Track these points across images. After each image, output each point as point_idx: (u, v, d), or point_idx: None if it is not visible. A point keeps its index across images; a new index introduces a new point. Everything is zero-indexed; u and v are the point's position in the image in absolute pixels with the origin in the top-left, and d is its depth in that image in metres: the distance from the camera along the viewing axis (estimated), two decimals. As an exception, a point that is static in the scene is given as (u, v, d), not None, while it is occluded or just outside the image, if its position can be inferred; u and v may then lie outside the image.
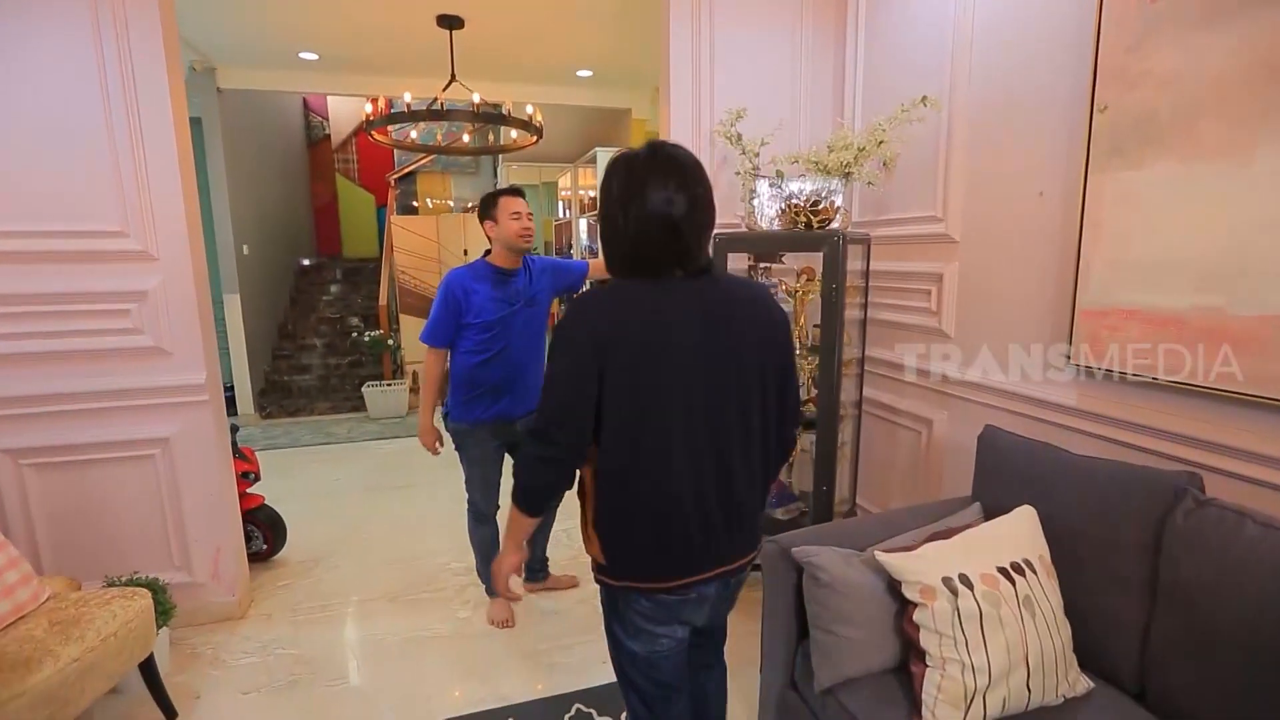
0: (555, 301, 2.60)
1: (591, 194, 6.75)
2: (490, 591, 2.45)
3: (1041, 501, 1.54)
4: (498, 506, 2.40)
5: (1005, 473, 1.69)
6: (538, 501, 1.19)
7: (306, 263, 7.18)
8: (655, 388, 1.09)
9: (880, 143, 2.08)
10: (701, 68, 2.59)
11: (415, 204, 8.36)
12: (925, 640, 1.33)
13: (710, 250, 1.21)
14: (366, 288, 6.87)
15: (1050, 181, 1.83)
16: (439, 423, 2.37)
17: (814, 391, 2.32)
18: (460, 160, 8.39)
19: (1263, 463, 1.36)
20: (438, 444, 2.33)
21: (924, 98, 2.03)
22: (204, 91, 4.75)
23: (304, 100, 7.67)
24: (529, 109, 3.79)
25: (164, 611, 2.01)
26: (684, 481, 1.12)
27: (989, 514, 1.68)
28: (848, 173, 2.18)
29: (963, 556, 1.40)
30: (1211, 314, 1.43)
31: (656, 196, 1.09)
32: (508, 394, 2.23)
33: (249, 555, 2.70)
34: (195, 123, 4.82)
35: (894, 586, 1.43)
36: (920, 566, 1.38)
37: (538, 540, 2.54)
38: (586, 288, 2.30)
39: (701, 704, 1.56)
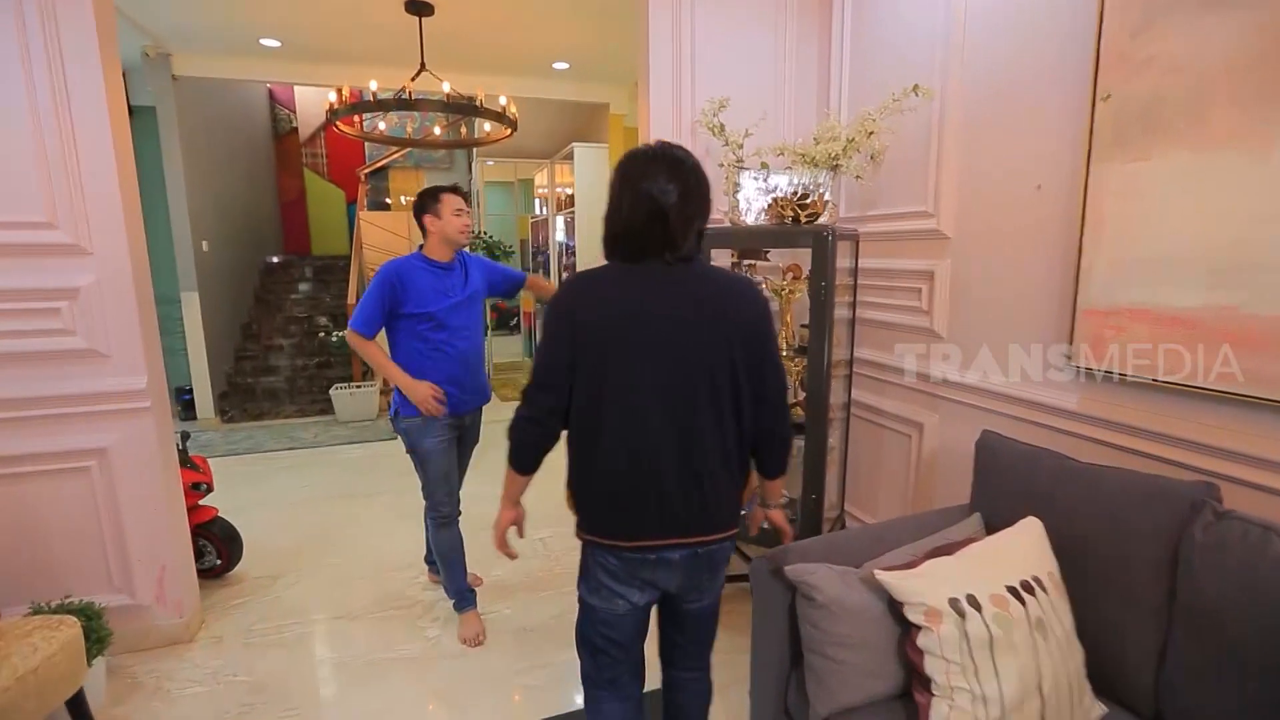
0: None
1: (569, 191, 6.60)
2: (459, 607, 2.32)
3: (1046, 513, 1.46)
4: (459, 509, 2.34)
5: (1006, 482, 1.60)
6: (524, 457, 1.32)
7: (273, 260, 6.92)
8: (620, 358, 1.20)
9: (870, 134, 1.98)
10: (683, 57, 2.48)
11: (388, 200, 8.12)
12: (931, 667, 1.22)
13: (697, 244, 1.27)
14: (336, 286, 6.63)
15: (1049, 174, 1.74)
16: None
17: (801, 394, 2.22)
18: (434, 156, 8.18)
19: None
20: (432, 394, 2.12)
21: (915, 86, 1.93)
22: (158, 79, 4.51)
23: (269, 91, 7.40)
24: (502, 100, 3.64)
25: (98, 640, 1.84)
26: (640, 446, 1.21)
27: (990, 526, 1.59)
28: (835, 165, 2.08)
29: (968, 575, 1.30)
30: (1225, 313, 1.35)
31: (652, 185, 1.18)
32: (455, 386, 2.19)
33: (201, 572, 2.52)
34: (149, 111, 4.58)
35: (895, 608, 1.33)
36: (923, 586, 1.28)
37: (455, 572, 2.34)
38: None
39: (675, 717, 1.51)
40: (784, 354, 2.24)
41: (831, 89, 2.56)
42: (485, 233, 6.64)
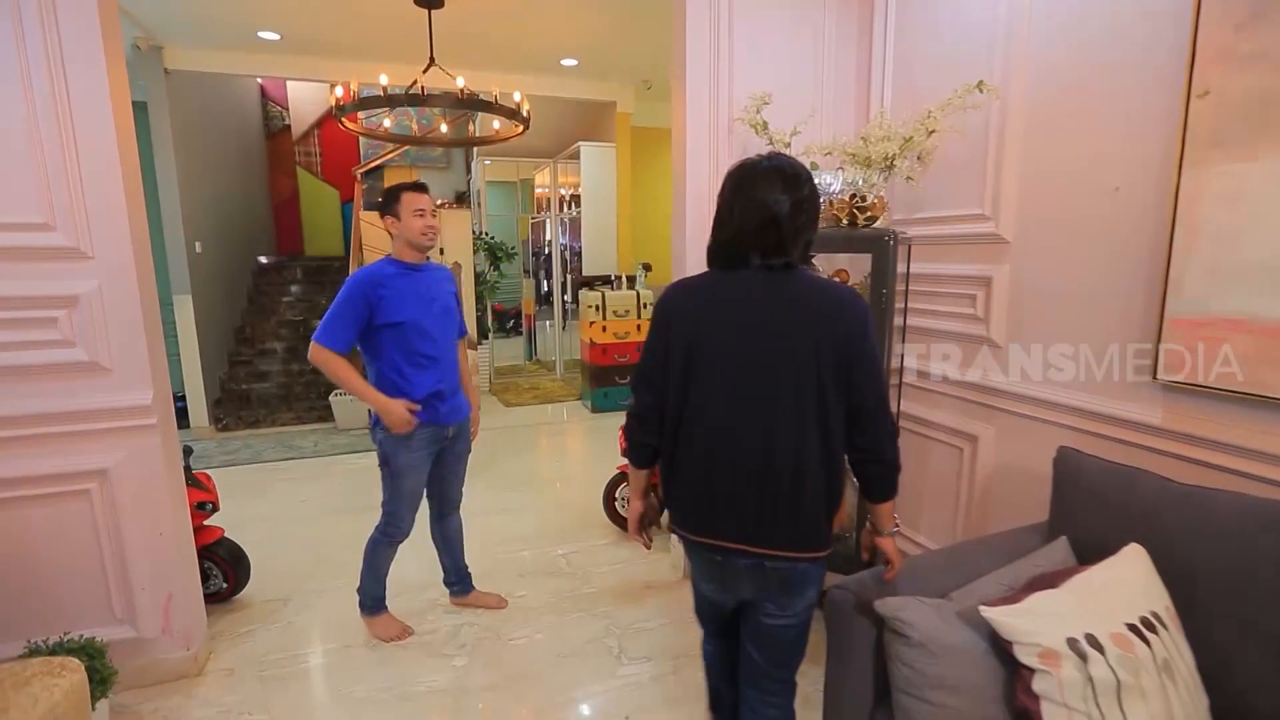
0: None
1: (574, 192, 6.47)
2: (373, 610, 2.27)
3: (1148, 539, 1.35)
4: (458, 523, 2.38)
5: (1095, 503, 1.50)
6: (635, 453, 1.37)
7: (265, 261, 6.71)
8: (708, 358, 1.22)
9: (931, 131, 1.87)
10: (719, 52, 2.36)
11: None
12: (1050, 715, 1.11)
13: (804, 256, 1.27)
14: (331, 288, 6.43)
15: (1128, 176, 1.65)
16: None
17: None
18: (431, 155, 8.00)
19: None
20: (409, 411, 2.01)
21: (980, 83, 1.83)
22: (150, 73, 4.31)
23: (261, 88, 7.18)
24: (516, 96, 3.50)
25: (102, 680, 1.68)
26: (716, 445, 1.23)
27: (1080, 552, 1.48)
28: (890, 166, 1.97)
29: (1082, 610, 1.19)
30: (1347, 325, 1.26)
31: (766, 194, 1.20)
32: (441, 399, 2.11)
33: (207, 597, 2.36)
34: (140, 107, 4.37)
35: (1001, 647, 1.22)
36: (1036, 625, 1.16)
37: (450, 546, 2.41)
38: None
39: None
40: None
41: (872, 88, 2.45)
42: (487, 233, 6.48)
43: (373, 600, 2.28)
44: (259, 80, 6.99)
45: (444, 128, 4.12)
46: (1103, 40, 1.68)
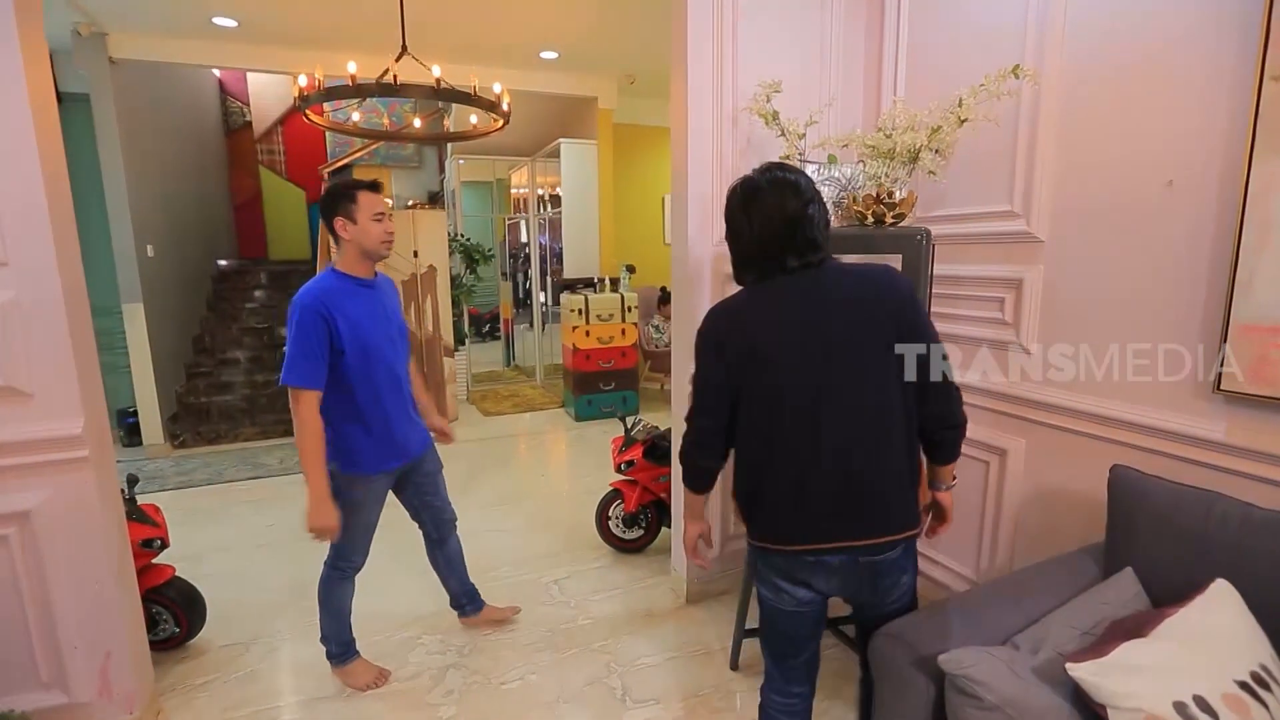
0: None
1: (553, 191, 6.25)
2: (343, 659, 2.04)
3: (1232, 573, 1.20)
4: (457, 543, 2.26)
5: (1165, 530, 1.35)
6: (695, 478, 1.38)
7: (226, 265, 6.35)
8: (779, 371, 1.20)
9: (964, 121, 1.71)
10: (724, 38, 2.18)
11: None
12: (1160, 798, 0.95)
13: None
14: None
15: (1185, 169, 1.50)
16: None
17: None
18: (402, 153, 7.69)
19: None
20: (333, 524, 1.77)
21: (1015, 67, 1.67)
22: (92, 62, 3.97)
23: (219, 81, 6.81)
24: (496, 88, 3.27)
25: (23, 762, 1.42)
26: (802, 450, 1.20)
27: (1150, 586, 1.33)
28: (915, 159, 1.80)
29: (1183, 665, 1.03)
30: None
31: (779, 199, 1.21)
32: (402, 432, 1.90)
33: (156, 644, 2.10)
34: (81, 99, 4.05)
35: (1086, 707, 1.05)
36: (1134, 686, 1.00)
37: (454, 568, 2.26)
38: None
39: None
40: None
41: (884, 74, 2.29)
42: (462, 235, 6.21)
43: (339, 646, 2.04)
44: (216, 73, 6.62)
45: (417, 122, 3.86)
46: (1154, 17, 1.54)
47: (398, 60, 2.98)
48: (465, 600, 2.30)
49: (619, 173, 5.74)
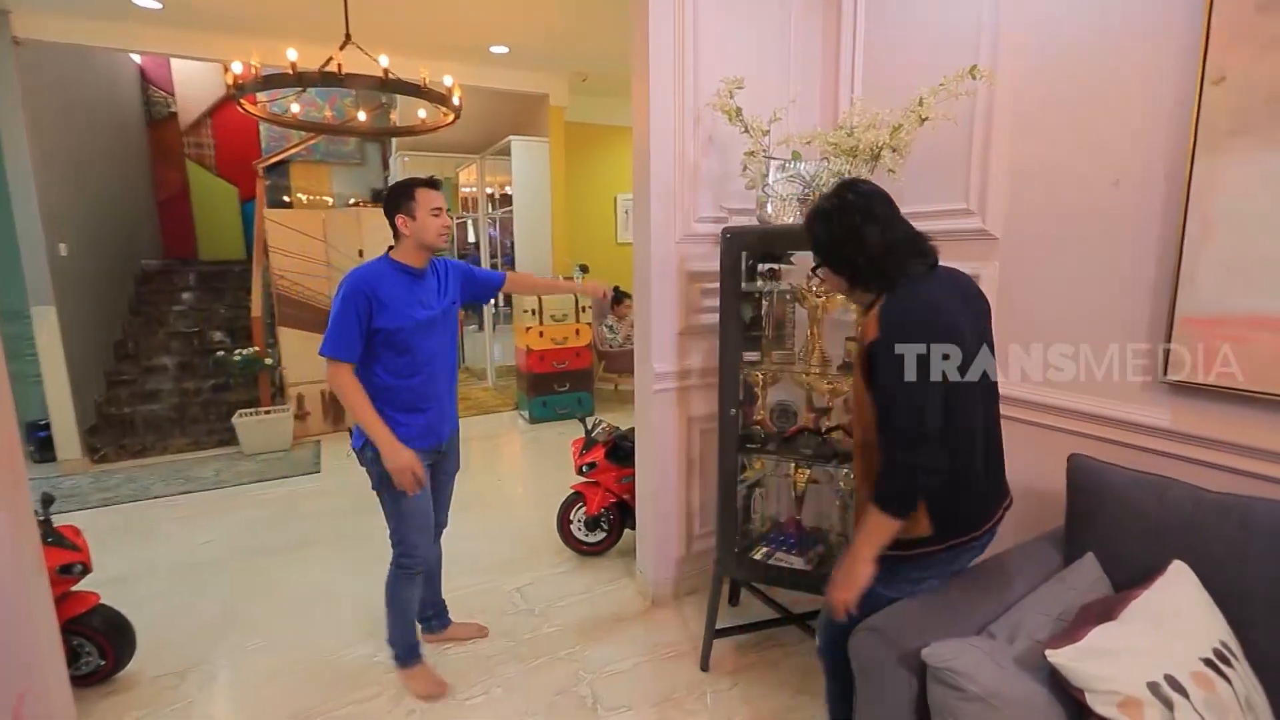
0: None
1: (503, 190, 6.12)
2: (407, 662, 2.00)
3: (1187, 555, 1.26)
4: (439, 551, 2.17)
5: (1123, 515, 1.40)
6: (912, 505, 1.25)
7: (151, 265, 5.94)
8: (964, 367, 1.23)
9: (924, 120, 1.75)
10: (685, 35, 2.16)
11: (287, 199, 7.22)
12: (1139, 777, 0.97)
13: None
14: (231, 295, 5.77)
15: (1130, 168, 1.57)
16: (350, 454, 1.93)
17: (848, 416, 1.95)
18: (343, 149, 7.38)
19: None
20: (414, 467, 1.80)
21: (973, 68, 1.72)
22: (-7, 42, 3.63)
23: (140, 68, 6.37)
24: (448, 80, 3.16)
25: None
26: (972, 447, 1.30)
27: (1111, 570, 1.38)
28: (877, 156, 1.83)
29: (1153, 646, 1.06)
30: (1382, 321, 1.20)
31: (891, 208, 1.32)
32: (436, 414, 1.93)
33: (79, 679, 1.92)
34: (-20, 82, 3.69)
35: (1066, 693, 1.07)
36: (1109, 669, 1.02)
37: (432, 579, 2.18)
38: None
39: None
40: (812, 371, 1.98)
41: (841, 74, 2.32)
42: (409, 234, 6.00)
43: (406, 649, 2.00)
44: (136, 59, 6.19)
45: (362, 115, 3.69)
46: (1103, 24, 1.60)
47: (341, 49, 2.83)
48: (432, 613, 2.21)
49: (571, 172, 5.66)
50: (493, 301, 6.42)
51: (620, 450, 2.85)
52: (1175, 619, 1.12)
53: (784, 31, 2.32)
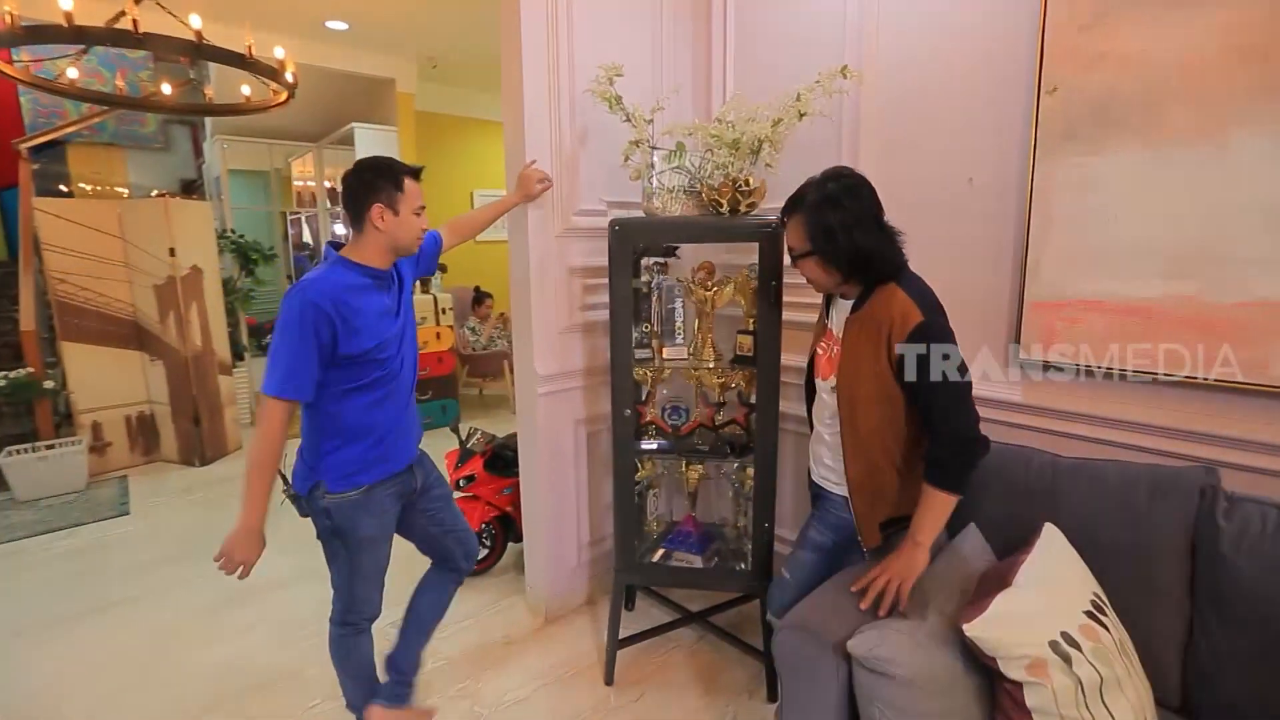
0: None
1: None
2: (398, 699, 1.74)
3: (1053, 515, 1.39)
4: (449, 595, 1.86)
5: (996, 485, 1.52)
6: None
7: None
8: None
9: (803, 115, 1.79)
10: (559, 23, 2.05)
11: (64, 188, 5.98)
12: (1046, 730, 1.04)
13: None
14: (-11, 305, 4.66)
15: (983, 168, 1.72)
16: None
17: (740, 410, 1.96)
18: (140, 131, 6.24)
19: (1264, 451, 1.35)
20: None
21: (844, 68, 1.79)
22: None
23: None
24: (279, 52, 2.76)
25: None
26: None
27: (992, 538, 1.49)
28: (758, 150, 1.85)
29: (1045, 607, 1.15)
30: (1185, 302, 1.41)
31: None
32: (407, 436, 1.62)
33: None
34: None
35: (976, 662, 1.12)
36: (1015, 635, 1.09)
37: (428, 625, 1.83)
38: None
39: None
40: (711, 364, 1.97)
41: (713, 67, 2.35)
42: (232, 231, 5.23)
43: (364, 700, 1.70)
44: None
45: (167, 88, 3.11)
46: (956, 36, 1.73)
47: (137, 3, 2.35)
48: (408, 672, 1.78)
49: (423, 164, 5.28)
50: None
51: (500, 459, 2.67)
52: (1057, 578, 1.22)
53: (658, 20, 2.29)
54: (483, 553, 2.67)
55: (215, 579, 1.57)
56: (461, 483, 2.65)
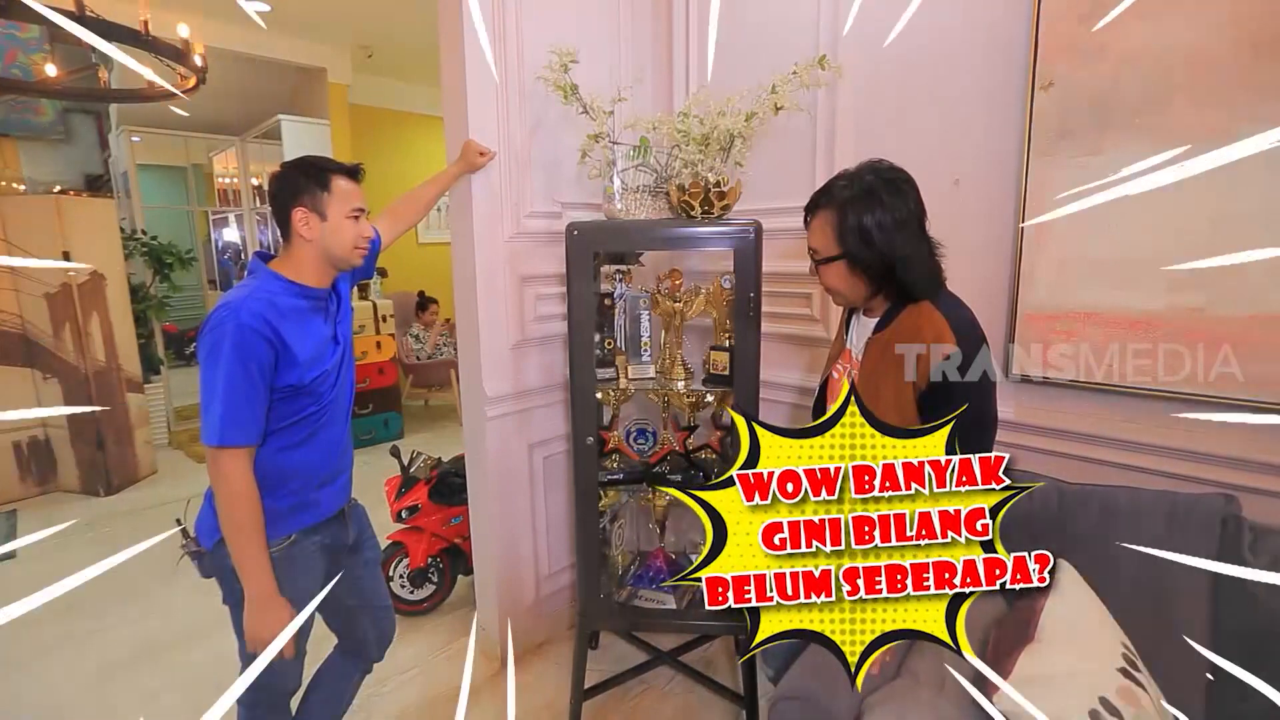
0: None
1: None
2: None
3: (1062, 548, 1.27)
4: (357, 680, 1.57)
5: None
6: None
7: None
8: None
9: (779, 107, 1.63)
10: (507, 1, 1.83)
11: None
12: (1091, 817, 0.90)
13: None
14: None
15: (970, 168, 1.61)
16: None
17: (713, 434, 1.79)
18: (35, 120, 5.62)
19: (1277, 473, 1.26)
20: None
21: (822, 58, 1.64)
22: None
23: None
24: (182, 30, 2.43)
25: None
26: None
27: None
28: (729, 146, 1.68)
29: (1076, 666, 1.02)
30: (1191, 314, 1.31)
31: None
32: (338, 471, 1.38)
33: None
34: None
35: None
36: (1054, 705, 0.95)
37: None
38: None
39: None
40: (681, 384, 1.79)
41: (674, 55, 2.18)
42: (144, 232, 4.74)
43: None
44: None
45: (51, 69, 2.72)
46: (943, 26, 1.61)
47: (4, -33, 2.00)
48: None
49: (359, 161, 4.93)
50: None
51: (447, 486, 2.43)
52: (1081, 629, 1.09)
53: (617, 3, 2.10)
54: (429, 589, 2.42)
55: (113, 633, 1.28)
56: (404, 514, 2.39)
